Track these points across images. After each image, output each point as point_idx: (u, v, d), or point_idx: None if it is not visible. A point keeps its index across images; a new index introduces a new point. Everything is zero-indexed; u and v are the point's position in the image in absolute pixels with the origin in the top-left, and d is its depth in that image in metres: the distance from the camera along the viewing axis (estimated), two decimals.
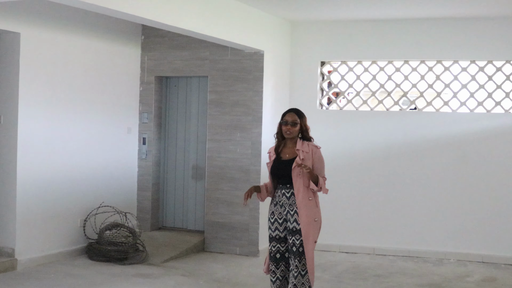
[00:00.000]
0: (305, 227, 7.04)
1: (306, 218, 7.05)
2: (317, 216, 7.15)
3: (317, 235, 7.19)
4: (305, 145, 7.18)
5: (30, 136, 9.90)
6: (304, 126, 7.25)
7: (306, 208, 7.07)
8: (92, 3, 7.49)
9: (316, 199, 7.20)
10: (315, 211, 7.16)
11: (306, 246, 7.02)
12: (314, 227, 7.12)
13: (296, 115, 7.26)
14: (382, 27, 11.67)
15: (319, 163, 7.22)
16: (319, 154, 7.23)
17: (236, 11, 10.44)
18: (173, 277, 9.62)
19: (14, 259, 9.71)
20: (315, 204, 7.16)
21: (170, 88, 12.32)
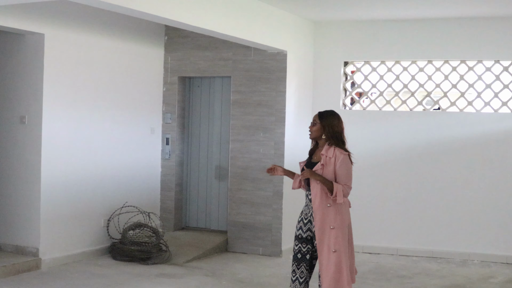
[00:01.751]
0: (318, 234, 6.78)
1: (320, 225, 6.78)
2: (334, 224, 6.76)
3: (337, 244, 6.77)
4: (331, 150, 6.85)
5: (54, 136, 9.95)
6: (327, 127, 6.95)
7: (322, 214, 6.78)
8: (115, 4, 7.51)
9: (337, 206, 6.81)
10: (334, 218, 6.78)
11: (320, 254, 6.80)
12: (330, 235, 6.78)
13: (317, 116, 7.06)
14: (405, 27, 11.63)
15: (341, 170, 6.79)
16: (343, 160, 6.81)
17: (259, 11, 10.44)
18: (196, 277, 9.63)
19: (38, 259, 9.76)
20: (334, 211, 6.78)
21: (193, 88, 12.34)
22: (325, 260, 6.75)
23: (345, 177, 6.79)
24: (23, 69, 9.94)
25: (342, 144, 6.91)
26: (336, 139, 6.92)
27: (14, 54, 10.03)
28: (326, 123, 6.96)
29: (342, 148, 6.89)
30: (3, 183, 10.14)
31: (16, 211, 10.02)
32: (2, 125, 10.13)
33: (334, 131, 6.94)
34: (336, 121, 7.00)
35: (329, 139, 6.92)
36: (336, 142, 6.90)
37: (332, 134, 6.92)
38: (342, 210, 6.81)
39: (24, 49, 9.93)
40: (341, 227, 6.78)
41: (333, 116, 7.02)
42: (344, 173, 6.79)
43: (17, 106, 9.99)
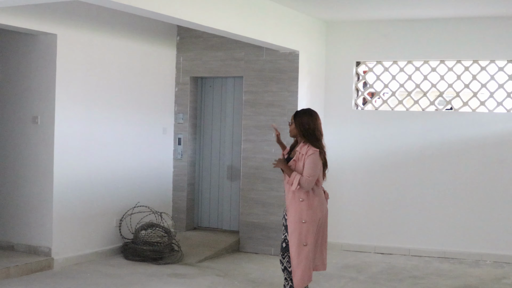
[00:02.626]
0: (290, 227, 7.20)
1: (292, 218, 7.19)
2: (306, 218, 7.12)
3: (307, 237, 7.15)
4: (305, 147, 7.27)
5: (66, 136, 9.97)
6: (300, 126, 7.33)
7: (294, 208, 7.20)
8: (128, 5, 7.52)
9: (310, 200, 7.19)
10: (305, 213, 7.17)
11: (291, 246, 7.16)
12: (301, 228, 7.13)
13: (293, 115, 7.45)
14: (417, 26, 11.60)
15: (307, 163, 7.17)
16: (312, 156, 7.18)
17: (271, 11, 10.44)
18: (208, 277, 9.64)
19: (51, 258, 9.79)
20: (307, 206, 7.17)
21: (206, 88, 12.35)
22: (295, 253, 7.09)
23: (308, 169, 7.14)
24: (36, 70, 9.97)
25: (316, 141, 7.24)
26: (309, 136, 7.30)
27: (26, 55, 10.06)
28: (299, 122, 7.35)
29: (315, 145, 7.24)
30: (16, 183, 10.17)
31: (29, 211, 10.05)
32: (15, 125, 10.16)
33: (307, 129, 7.30)
34: (309, 119, 7.36)
35: (303, 137, 7.32)
36: (309, 140, 7.28)
37: (305, 132, 7.31)
38: (314, 205, 7.18)
39: (37, 49, 9.96)
40: (312, 221, 7.16)
41: (306, 114, 7.39)
42: (308, 166, 7.15)
43: (30, 106, 10.02)
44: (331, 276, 9.91)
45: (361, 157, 11.96)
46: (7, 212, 10.26)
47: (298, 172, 7.21)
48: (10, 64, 10.24)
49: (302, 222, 7.10)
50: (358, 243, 11.90)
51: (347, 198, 12.01)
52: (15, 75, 10.19)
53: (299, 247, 7.11)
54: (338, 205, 12.02)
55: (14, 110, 10.17)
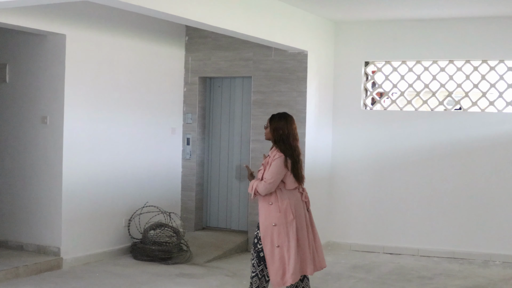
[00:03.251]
0: (262, 231, 7.23)
1: (264, 222, 7.23)
2: (276, 221, 7.16)
3: (279, 240, 7.17)
4: (274, 152, 7.25)
5: (75, 136, 10.00)
6: (274, 131, 7.31)
7: (264, 212, 7.24)
8: (136, 5, 7.53)
9: (279, 203, 7.20)
10: (275, 216, 7.18)
11: (264, 248, 7.22)
12: (273, 230, 7.17)
13: (269, 119, 7.42)
14: (426, 26, 11.59)
15: (270, 168, 7.17)
16: (276, 160, 7.15)
17: (280, 11, 10.44)
18: (217, 277, 9.64)
19: (60, 258, 9.81)
20: (277, 209, 7.18)
21: (214, 88, 12.36)
22: (269, 255, 7.15)
23: (268, 173, 7.15)
24: (45, 70, 10.00)
25: (284, 147, 7.23)
26: (280, 142, 7.26)
27: (36, 55, 10.08)
28: (273, 127, 7.32)
29: (282, 150, 7.19)
30: (25, 183, 10.20)
31: (38, 211, 10.08)
32: (24, 125, 10.19)
33: (280, 135, 7.25)
34: (283, 124, 7.29)
35: (273, 141, 7.31)
36: (279, 145, 7.26)
37: (277, 138, 7.27)
38: (283, 208, 7.17)
39: (46, 49, 9.98)
40: (283, 223, 7.14)
41: (281, 119, 7.34)
42: (269, 171, 7.14)
43: (39, 106, 10.05)
44: (340, 276, 9.91)
45: (370, 157, 11.95)
46: (17, 212, 10.29)
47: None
48: (20, 64, 10.26)
49: (273, 225, 7.16)
50: (366, 243, 11.89)
51: (355, 198, 12.00)
52: (24, 75, 10.22)
53: (272, 249, 7.17)
54: (346, 205, 12.03)
55: (24, 110, 10.20)
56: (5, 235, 10.39)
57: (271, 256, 7.17)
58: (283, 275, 7.18)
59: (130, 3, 7.44)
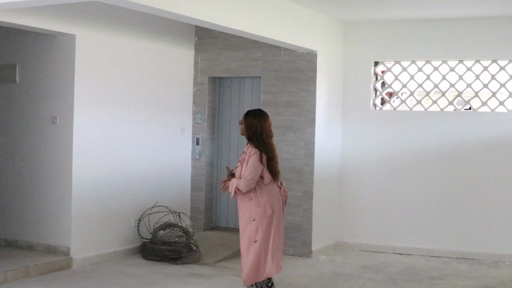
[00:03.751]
0: (241, 225, 7.39)
1: (243, 217, 7.37)
2: (255, 216, 7.28)
3: (256, 234, 7.29)
4: (250, 148, 7.40)
5: (85, 136, 10.01)
6: (248, 128, 7.47)
7: (244, 207, 7.37)
8: (146, 5, 7.54)
9: (258, 199, 7.32)
10: (255, 211, 7.30)
11: (241, 243, 7.39)
12: (251, 225, 7.31)
13: (244, 115, 7.58)
14: (436, 26, 11.56)
15: (247, 165, 7.31)
16: (252, 156, 7.31)
17: (289, 11, 10.43)
18: (226, 277, 9.64)
19: (70, 258, 9.84)
20: (256, 204, 7.31)
21: (224, 88, 12.37)
22: (245, 249, 7.29)
23: (246, 170, 7.29)
24: (55, 70, 10.02)
25: (259, 143, 7.41)
26: (254, 138, 7.44)
27: (45, 55, 10.11)
28: (248, 123, 7.49)
29: (257, 146, 7.37)
30: (35, 183, 10.22)
31: (48, 210, 10.10)
32: (34, 125, 10.22)
33: (254, 132, 7.44)
34: (257, 121, 7.47)
35: (248, 138, 7.50)
36: (253, 141, 7.43)
37: (252, 134, 7.45)
38: (262, 203, 7.31)
39: (56, 50, 10.01)
40: (261, 219, 7.28)
41: (255, 116, 7.51)
42: (247, 167, 7.29)
43: (49, 106, 10.07)
44: (350, 276, 9.90)
45: (379, 157, 11.93)
46: (27, 212, 10.32)
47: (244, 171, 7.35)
48: (29, 64, 10.29)
49: (252, 220, 7.27)
50: (376, 243, 11.87)
51: (365, 198, 11.98)
52: (34, 76, 10.25)
53: (249, 244, 7.30)
54: (356, 206, 12.01)
55: (33, 110, 10.23)
56: (16, 235, 10.42)
57: (246, 250, 7.30)
58: (257, 271, 7.33)
59: (140, 3, 7.45)
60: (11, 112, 10.48)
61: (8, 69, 10.45)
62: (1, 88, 10.58)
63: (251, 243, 7.26)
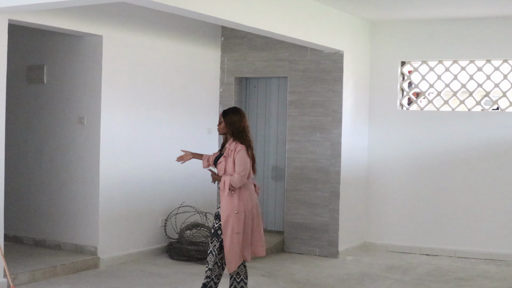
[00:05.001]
0: (224, 218, 7.55)
1: (225, 210, 7.55)
2: (237, 209, 7.53)
3: (238, 226, 7.54)
4: (233, 144, 7.61)
5: (112, 136, 10.06)
6: (229, 125, 7.66)
7: (226, 200, 7.56)
8: (173, 6, 7.56)
9: (240, 192, 7.59)
10: (237, 204, 7.55)
11: (224, 234, 7.55)
12: (234, 218, 7.52)
13: (221, 114, 7.77)
14: (463, 26, 11.49)
15: (236, 160, 7.53)
16: (240, 151, 7.55)
17: (316, 11, 10.42)
18: (253, 277, 9.64)
19: (97, 257, 9.89)
20: (238, 198, 7.56)
21: (250, 89, 12.37)
22: (228, 241, 7.52)
23: (238, 166, 7.52)
24: (82, 71, 10.08)
25: (244, 138, 7.67)
26: (238, 134, 7.67)
27: (73, 56, 10.17)
28: (228, 121, 7.70)
29: (242, 142, 7.62)
30: (62, 183, 10.29)
31: (75, 210, 10.16)
32: (62, 125, 10.28)
33: (236, 127, 7.67)
34: (238, 118, 7.71)
35: (232, 135, 7.68)
36: (238, 137, 7.65)
37: (234, 130, 7.67)
38: (245, 197, 7.62)
39: (83, 50, 10.06)
40: (242, 211, 7.57)
41: (234, 113, 7.74)
42: (238, 163, 7.53)
43: (76, 107, 10.13)
44: (376, 277, 9.88)
45: (406, 157, 11.88)
46: (54, 211, 10.39)
47: (229, 169, 7.57)
48: (57, 65, 10.36)
49: (235, 212, 7.51)
50: (403, 244, 11.83)
51: (392, 199, 11.94)
52: (61, 76, 10.31)
53: (232, 236, 7.51)
54: (383, 206, 11.98)
55: (61, 111, 10.29)
56: (43, 235, 10.49)
57: (230, 241, 7.51)
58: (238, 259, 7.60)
59: (166, 4, 7.47)
60: (39, 113, 10.55)
61: (36, 70, 10.52)
62: (29, 88, 10.65)
63: (234, 234, 7.51)
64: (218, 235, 7.65)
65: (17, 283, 8.63)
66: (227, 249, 7.53)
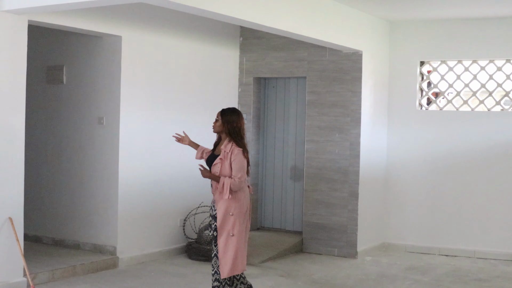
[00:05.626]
0: (220, 219, 7.43)
1: (221, 211, 7.43)
2: (233, 211, 7.43)
3: (234, 228, 7.44)
4: (229, 145, 7.53)
5: (131, 137, 10.09)
6: (227, 124, 7.59)
7: (222, 202, 7.44)
8: (191, 6, 7.57)
9: (237, 195, 7.47)
10: (232, 206, 7.44)
11: (219, 237, 7.46)
12: (229, 220, 7.44)
13: (219, 113, 7.73)
14: (482, 25, 11.44)
15: (234, 163, 7.45)
16: (237, 154, 7.46)
17: (334, 11, 10.41)
18: (271, 277, 9.65)
19: (116, 257, 9.92)
20: (234, 200, 7.45)
21: (269, 89, 12.38)
22: (223, 243, 7.42)
23: (236, 170, 7.43)
24: (101, 71, 10.11)
25: (240, 139, 7.60)
26: (235, 134, 7.60)
27: (92, 56, 10.21)
28: (226, 120, 7.65)
29: (239, 143, 7.54)
30: (82, 183, 10.33)
31: (95, 210, 10.20)
32: (81, 126, 10.32)
33: (233, 127, 7.61)
34: (236, 118, 7.66)
35: (228, 134, 7.61)
36: (234, 138, 7.58)
37: (232, 130, 7.60)
38: (240, 199, 7.52)
39: (102, 51, 10.10)
40: (239, 214, 7.48)
41: (233, 113, 7.69)
42: (235, 167, 7.44)
43: (95, 107, 10.16)
44: (395, 277, 9.85)
45: (425, 157, 11.84)
46: (74, 211, 10.43)
47: (224, 172, 7.47)
48: (76, 65, 10.40)
49: (230, 214, 7.42)
50: (422, 244, 11.79)
51: (411, 199, 11.90)
52: (81, 77, 10.35)
53: (227, 238, 7.43)
54: (402, 207, 11.95)
55: (80, 111, 10.33)
56: (63, 234, 10.54)
57: (224, 244, 7.43)
58: (236, 264, 7.45)
59: (185, 4, 7.48)
60: (58, 113, 10.60)
61: (55, 70, 10.57)
62: (48, 89, 10.70)
63: (229, 237, 7.43)
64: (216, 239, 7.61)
65: (37, 283, 8.68)
66: (221, 252, 7.43)
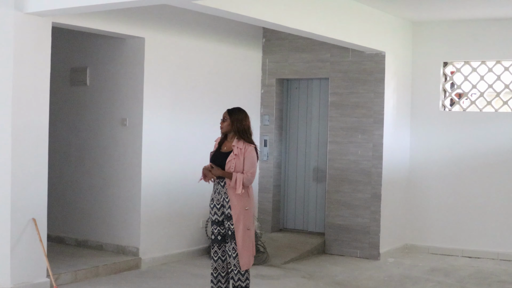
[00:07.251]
0: (235, 215, 7.58)
1: (237, 207, 7.58)
2: (247, 205, 7.63)
3: (249, 223, 7.65)
4: (241, 142, 7.67)
5: (154, 138, 10.12)
6: (236, 123, 7.69)
7: (236, 198, 7.59)
8: (214, 7, 7.60)
9: (248, 189, 7.66)
10: (246, 201, 7.63)
11: (237, 232, 7.58)
12: (245, 215, 7.60)
13: (227, 113, 7.80)
14: (506, 25, 11.38)
15: (247, 159, 7.60)
16: (250, 151, 7.63)
17: (357, 12, 10.39)
18: (294, 278, 9.65)
19: (138, 258, 9.95)
20: (246, 194, 7.63)
21: (291, 90, 12.37)
22: (241, 237, 7.58)
23: (249, 165, 7.61)
24: (124, 73, 10.15)
25: (249, 136, 7.76)
26: (244, 132, 7.74)
27: (115, 58, 10.25)
28: (235, 119, 7.76)
29: (249, 140, 7.72)
30: (105, 185, 10.37)
31: (118, 211, 10.24)
32: (104, 127, 10.36)
33: (242, 125, 7.74)
34: (243, 116, 7.80)
35: (237, 133, 7.72)
36: (243, 135, 7.72)
37: (240, 128, 7.73)
38: (251, 194, 7.74)
39: (125, 53, 10.14)
40: (251, 208, 7.72)
41: (240, 112, 7.82)
42: (248, 162, 7.62)
43: (119, 108, 10.20)
44: (418, 279, 9.82)
45: (449, 159, 11.80)
46: (97, 213, 10.47)
47: (238, 168, 7.58)
48: (100, 67, 10.45)
49: (246, 209, 7.59)
50: (445, 246, 11.74)
51: (434, 200, 11.86)
52: (104, 78, 10.40)
53: (244, 232, 7.58)
54: (425, 208, 11.90)
55: (104, 112, 10.38)
56: (86, 235, 10.59)
57: (243, 239, 7.58)
58: (252, 256, 7.71)
59: (208, 6, 7.51)
60: (82, 114, 10.65)
61: (79, 72, 10.62)
62: (72, 90, 10.75)
63: (245, 231, 7.59)
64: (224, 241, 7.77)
65: (60, 283, 8.72)
66: (240, 245, 7.57)
